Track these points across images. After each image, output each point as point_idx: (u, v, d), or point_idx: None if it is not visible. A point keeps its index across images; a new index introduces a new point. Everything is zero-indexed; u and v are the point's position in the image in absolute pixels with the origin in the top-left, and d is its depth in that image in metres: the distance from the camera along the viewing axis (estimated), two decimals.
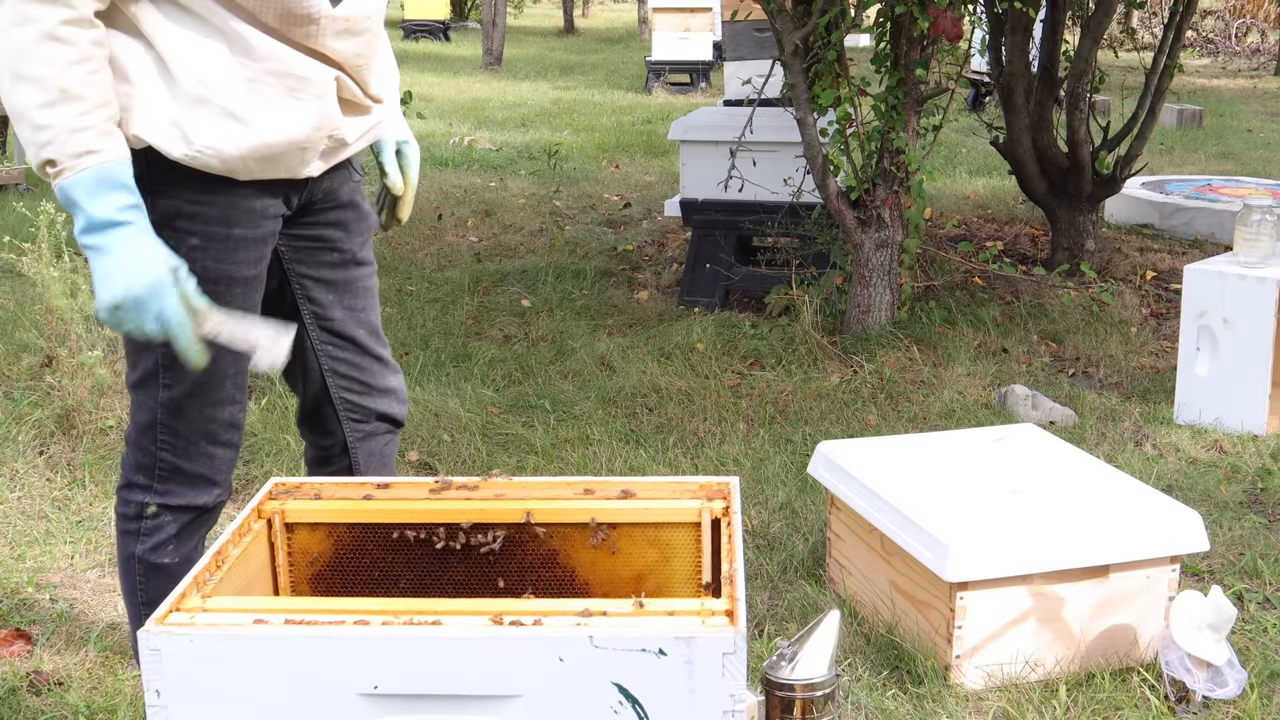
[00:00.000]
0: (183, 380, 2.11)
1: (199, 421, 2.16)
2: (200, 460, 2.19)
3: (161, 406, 2.13)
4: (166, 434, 2.15)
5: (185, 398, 2.13)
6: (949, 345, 4.87)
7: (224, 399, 2.17)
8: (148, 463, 2.18)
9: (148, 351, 2.10)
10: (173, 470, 2.18)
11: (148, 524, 2.20)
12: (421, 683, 1.68)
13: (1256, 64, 16.89)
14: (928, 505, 2.69)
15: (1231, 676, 2.53)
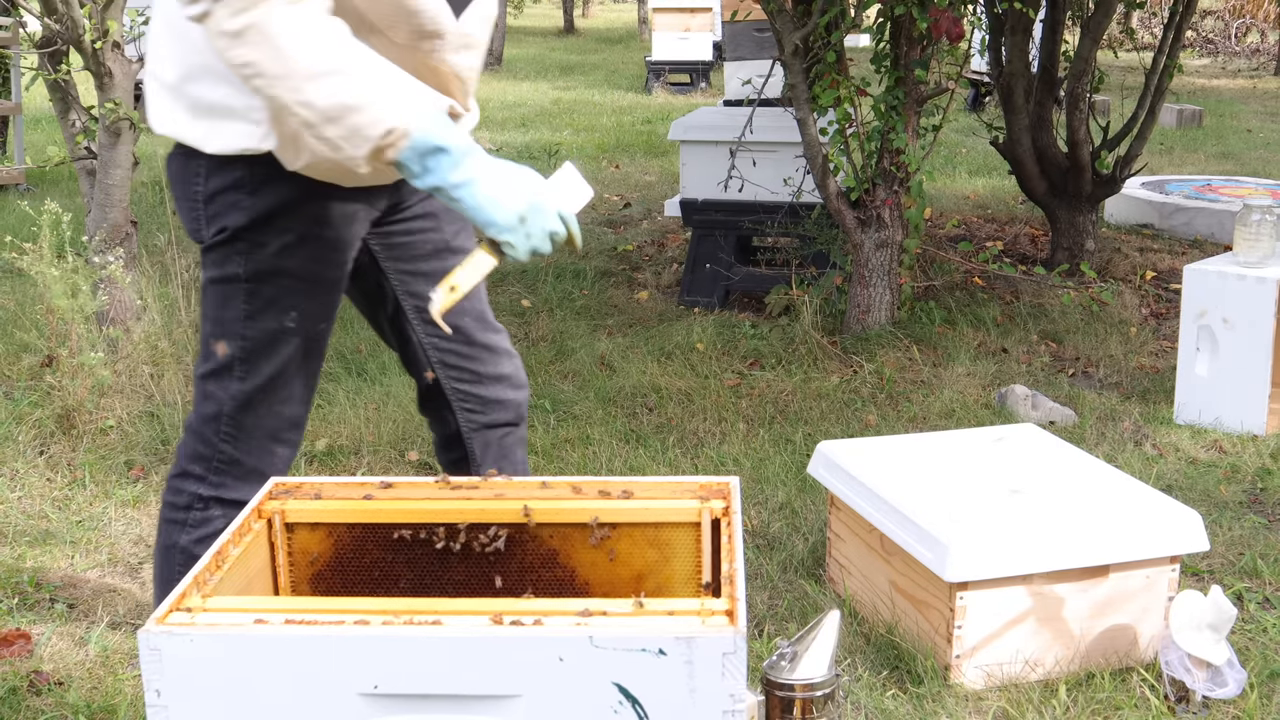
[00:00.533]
0: (257, 374, 2.14)
1: (265, 417, 2.18)
2: (261, 456, 2.20)
3: (231, 399, 2.15)
4: (231, 426, 2.17)
5: (256, 392, 2.15)
6: (949, 345, 4.87)
7: (293, 397, 2.19)
8: (207, 453, 2.19)
9: (227, 341, 2.12)
10: (231, 463, 2.19)
11: (196, 515, 2.21)
12: (421, 683, 1.68)
13: (1256, 64, 16.89)
14: (928, 505, 2.69)
15: (1231, 676, 2.53)
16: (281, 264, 2.07)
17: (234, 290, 2.11)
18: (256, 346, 2.14)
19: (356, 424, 3.97)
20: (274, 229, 2.07)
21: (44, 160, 4.63)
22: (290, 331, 2.16)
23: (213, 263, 2.12)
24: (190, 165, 2.09)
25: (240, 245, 2.09)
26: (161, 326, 4.13)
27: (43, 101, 9.56)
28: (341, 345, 4.76)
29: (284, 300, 2.13)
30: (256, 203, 2.04)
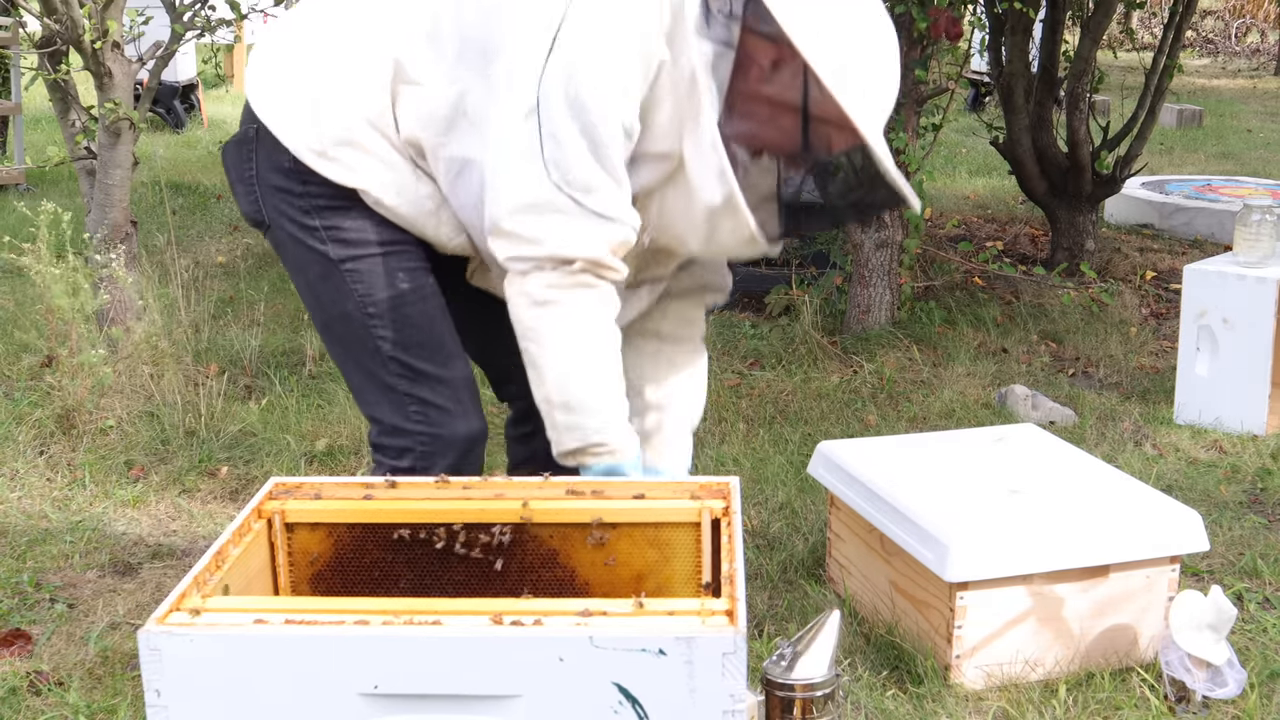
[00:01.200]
0: (411, 349, 2.23)
1: (441, 387, 2.25)
2: (457, 423, 2.27)
3: (400, 378, 2.24)
4: (417, 405, 2.25)
5: (420, 362, 2.24)
6: (949, 345, 4.87)
7: (451, 354, 2.28)
8: (408, 443, 2.26)
9: (359, 339, 2.24)
10: (434, 440, 2.25)
11: None
12: (421, 683, 1.68)
13: (1256, 64, 16.89)
14: (928, 505, 2.69)
15: (1231, 676, 2.53)
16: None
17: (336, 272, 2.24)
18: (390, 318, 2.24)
19: (356, 424, 3.97)
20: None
21: (44, 160, 4.63)
22: (407, 294, 2.24)
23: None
24: (244, 147, 2.25)
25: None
26: (161, 326, 4.13)
27: (43, 101, 9.57)
28: None
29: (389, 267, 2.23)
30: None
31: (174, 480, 3.64)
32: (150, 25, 4.50)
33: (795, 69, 2.00)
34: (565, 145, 2.03)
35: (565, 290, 2.05)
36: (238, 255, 6.21)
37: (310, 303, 2.31)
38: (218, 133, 9.73)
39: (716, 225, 2.11)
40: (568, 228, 2.04)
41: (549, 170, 2.04)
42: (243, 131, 2.27)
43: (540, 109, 2.03)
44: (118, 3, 4.06)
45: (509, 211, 2.06)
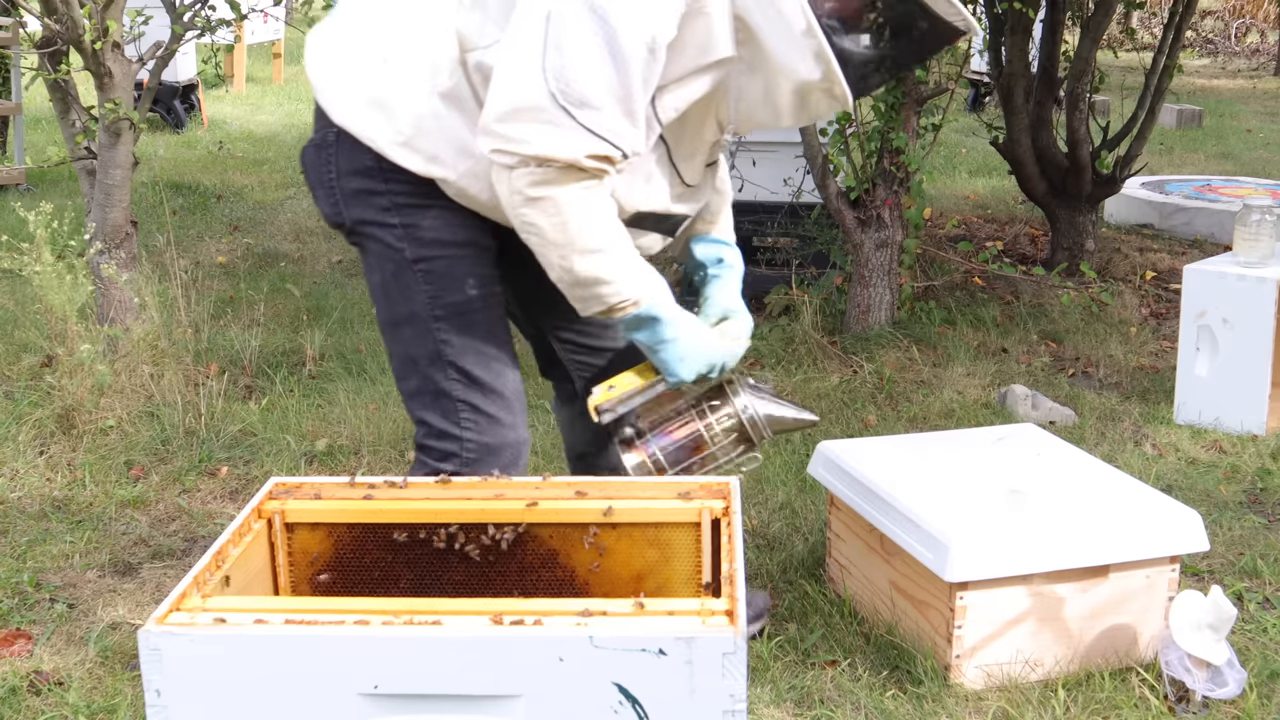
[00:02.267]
0: (471, 356, 2.30)
1: (494, 397, 2.31)
2: (505, 432, 2.33)
3: (455, 384, 2.30)
4: (469, 411, 2.31)
5: (478, 370, 2.30)
6: (949, 345, 4.87)
7: (507, 365, 2.34)
8: (455, 448, 2.31)
9: (422, 342, 2.29)
10: (481, 449, 2.31)
11: None
12: (421, 683, 1.68)
13: (1256, 64, 16.89)
14: (928, 505, 2.69)
15: (1231, 676, 2.53)
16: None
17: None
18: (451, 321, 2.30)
19: (356, 424, 3.97)
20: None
21: (44, 160, 4.63)
22: (474, 300, 2.30)
23: None
24: (324, 151, 2.31)
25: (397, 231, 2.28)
26: (161, 326, 4.13)
27: (43, 101, 9.57)
28: (341, 345, 4.77)
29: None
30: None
31: (174, 480, 3.64)
32: (150, 25, 4.50)
33: None
34: (569, 56, 2.04)
35: (552, 185, 2.09)
36: (238, 255, 6.21)
37: (380, 300, 2.35)
38: (218, 133, 9.74)
39: (807, 98, 2.18)
40: (554, 136, 2.06)
41: (547, 78, 2.04)
42: (320, 136, 2.31)
43: (551, 16, 2.04)
44: (118, 3, 4.06)
45: (499, 116, 2.08)
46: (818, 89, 2.16)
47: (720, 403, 2.37)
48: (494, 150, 2.10)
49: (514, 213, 2.14)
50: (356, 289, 5.65)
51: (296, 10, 7.06)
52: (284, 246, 6.43)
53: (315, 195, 2.36)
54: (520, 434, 2.36)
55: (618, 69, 2.05)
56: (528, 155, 2.07)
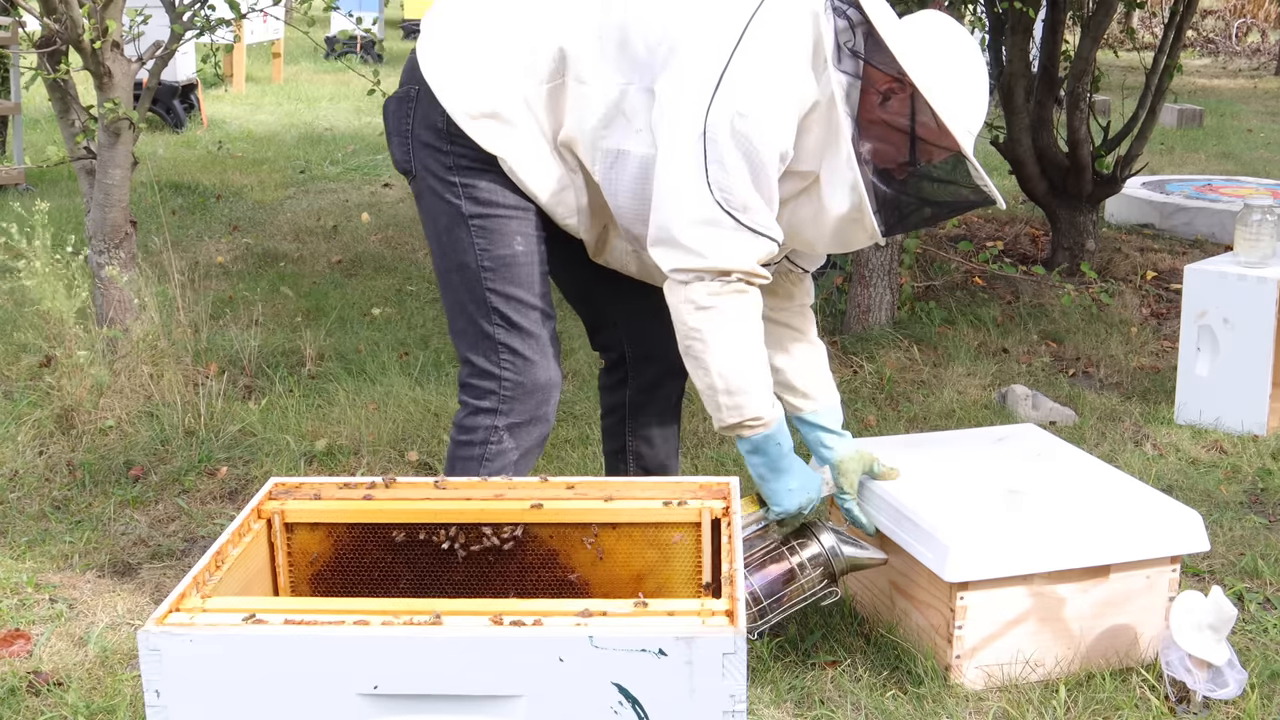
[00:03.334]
0: (513, 304, 2.52)
1: (532, 341, 2.54)
2: (540, 373, 2.55)
3: (498, 327, 2.53)
4: (508, 353, 2.53)
5: (519, 316, 2.53)
6: (949, 345, 4.86)
7: (546, 314, 2.56)
8: (494, 386, 2.54)
9: (470, 288, 2.53)
10: (517, 387, 2.53)
11: (492, 448, 2.55)
12: (421, 683, 1.68)
13: (1256, 64, 16.89)
14: (928, 505, 2.69)
15: (1231, 677, 2.53)
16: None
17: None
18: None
19: (356, 424, 3.97)
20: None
21: (43, 160, 4.63)
22: (519, 255, 2.53)
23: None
24: (406, 104, 2.56)
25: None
26: (160, 326, 4.13)
27: (42, 101, 9.56)
28: (341, 345, 4.77)
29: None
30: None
31: (173, 480, 3.64)
32: (150, 25, 4.49)
33: (909, 96, 2.36)
34: (729, 170, 2.34)
35: (724, 297, 2.37)
36: (237, 255, 6.21)
37: (435, 249, 2.60)
38: (217, 132, 9.74)
39: (843, 229, 2.46)
40: (727, 242, 2.36)
41: (713, 190, 2.34)
42: (405, 89, 2.57)
43: (707, 137, 2.34)
44: (117, 3, 4.06)
45: (680, 225, 2.36)
46: (852, 221, 2.42)
47: (806, 541, 2.58)
48: (675, 269, 2.38)
49: (682, 320, 2.41)
50: (356, 289, 5.65)
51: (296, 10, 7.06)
52: (283, 246, 6.42)
53: (390, 142, 2.60)
54: (553, 374, 2.57)
55: (763, 176, 2.36)
56: (707, 268, 2.36)
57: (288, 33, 13.40)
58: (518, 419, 2.55)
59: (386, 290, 5.64)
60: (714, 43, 2.37)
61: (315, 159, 8.99)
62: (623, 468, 2.93)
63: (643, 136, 2.44)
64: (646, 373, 2.84)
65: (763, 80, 2.35)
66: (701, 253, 2.36)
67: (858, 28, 2.36)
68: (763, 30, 2.37)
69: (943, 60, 2.38)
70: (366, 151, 9.29)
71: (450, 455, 2.62)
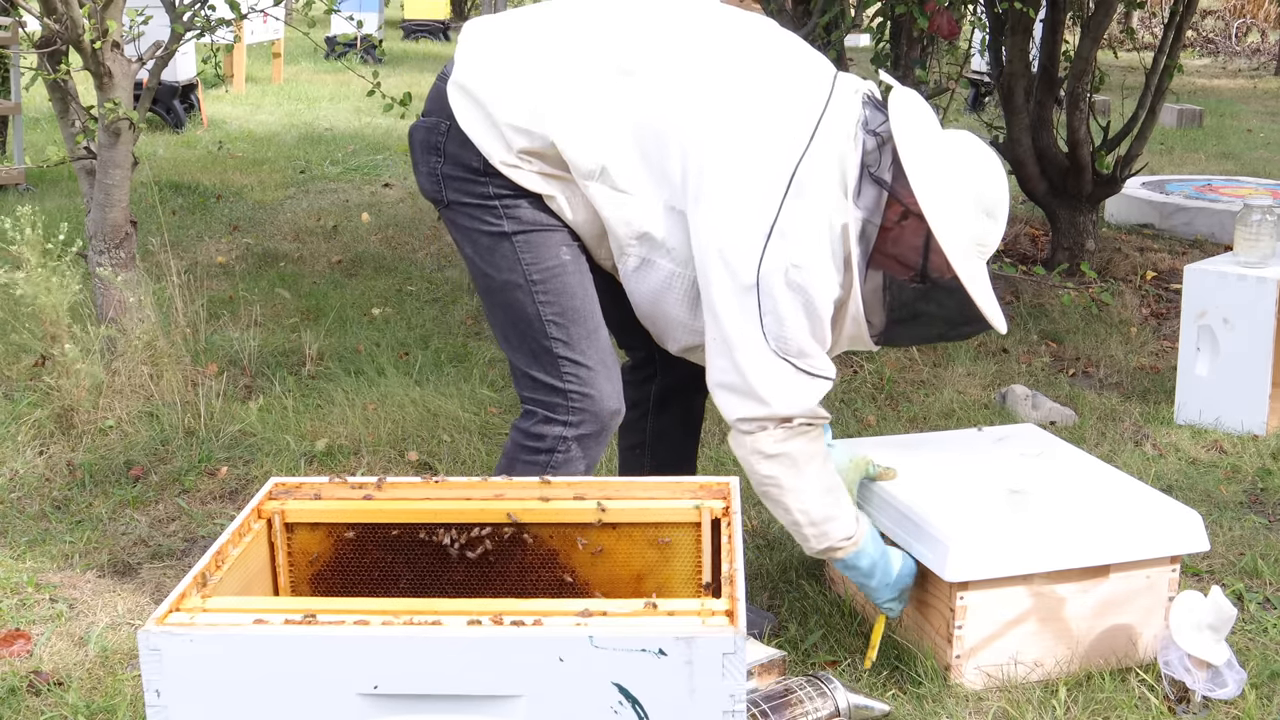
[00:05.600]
0: (567, 315, 2.50)
1: (592, 351, 2.51)
2: (604, 383, 2.53)
3: (555, 340, 2.50)
4: (570, 366, 2.50)
5: (574, 328, 2.51)
6: (949, 345, 4.86)
7: (600, 322, 2.53)
8: (560, 400, 2.50)
9: (520, 307, 2.50)
10: (584, 399, 2.50)
11: (560, 457, 2.52)
12: (421, 683, 1.68)
13: (1256, 64, 16.89)
14: (927, 505, 2.69)
15: (1231, 677, 2.53)
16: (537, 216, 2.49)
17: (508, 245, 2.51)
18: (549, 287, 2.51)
19: (356, 424, 3.97)
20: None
21: (43, 160, 4.62)
22: (567, 264, 2.51)
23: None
24: (434, 135, 2.50)
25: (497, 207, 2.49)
26: (160, 326, 4.13)
27: (42, 101, 9.56)
28: (340, 345, 4.77)
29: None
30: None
31: (173, 480, 3.64)
32: (150, 25, 4.49)
33: (925, 238, 2.40)
34: (785, 321, 2.36)
35: (790, 442, 2.42)
36: (236, 255, 6.21)
37: (478, 270, 2.55)
38: (217, 132, 9.74)
39: (843, 337, 2.49)
40: (788, 389, 2.39)
41: (769, 340, 2.37)
42: (433, 121, 2.50)
43: (761, 290, 2.35)
44: (118, 3, 4.06)
45: (742, 373, 2.39)
46: (855, 338, 2.48)
47: (821, 689, 2.51)
48: (739, 418, 2.42)
49: (754, 470, 2.46)
50: (356, 289, 5.65)
51: (296, 10, 7.05)
52: (283, 246, 6.42)
53: (417, 171, 2.55)
54: (615, 384, 2.55)
55: (818, 323, 2.39)
56: (771, 417, 2.40)
57: (288, 33, 13.40)
58: (587, 430, 2.52)
59: (386, 290, 5.64)
60: (762, 188, 2.36)
61: (315, 159, 8.99)
62: (639, 464, 2.90)
63: (674, 254, 2.44)
64: (674, 372, 2.82)
65: (813, 229, 2.36)
66: (765, 400, 2.39)
67: (884, 148, 2.40)
68: (811, 175, 2.37)
69: (968, 208, 2.41)
70: (366, 151, 9.29)
71: (510, 457, 2.56)
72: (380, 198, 7.78)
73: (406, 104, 4.65)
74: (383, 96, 4.65)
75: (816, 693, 2.44)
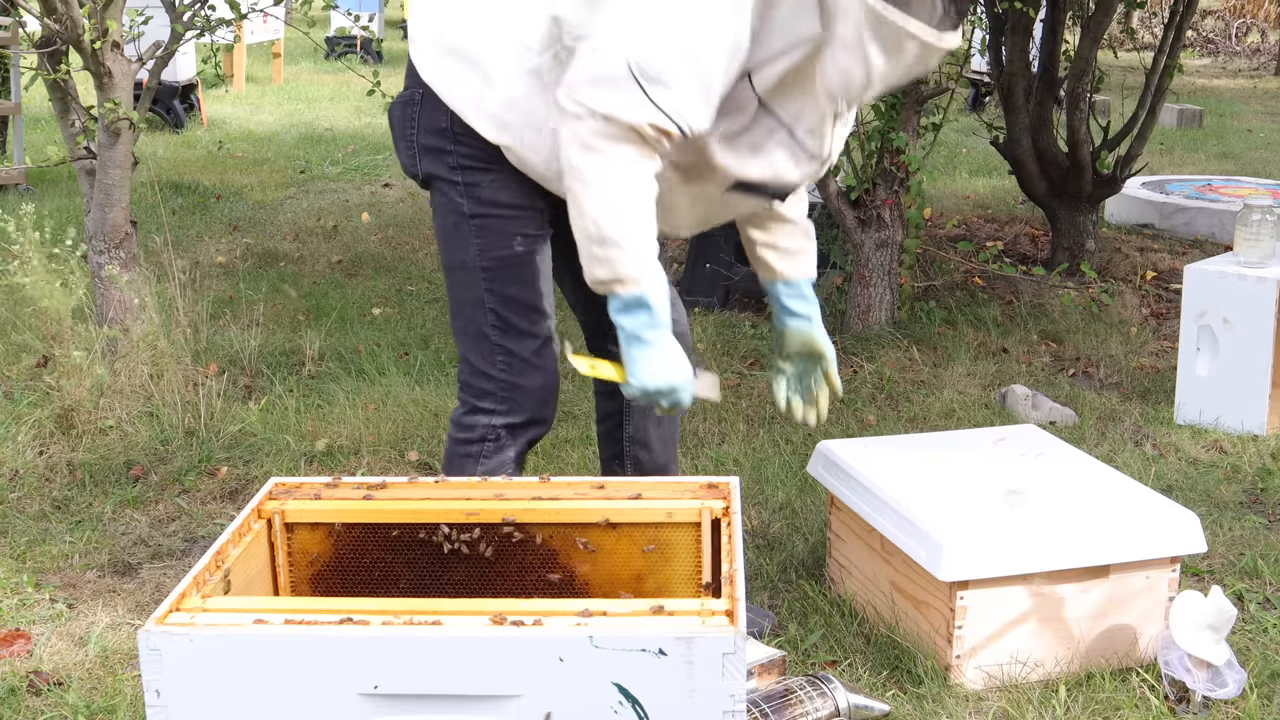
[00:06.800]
0: (510, 305, 2.51)
1: (529, 341, 2.52)
2: (535, 376, 2.54)
3: (494, 329, 2.51)
4: (504, 355, 2.52)
5: (515, 318, 2.52)
6: (949, 345, 4.87)
7: (543, 314, 2.54)
8: (490, 387, 2.53)
9: (469, 288, 2.52)
10: (513, 389, 2.52)
11: (490, 445, 2.54)
12: (421, 683, 1.68)
13: (1256, 64, 16.89)
14: (925, 505, 2.69)
15: (1231, 677, 2.53)
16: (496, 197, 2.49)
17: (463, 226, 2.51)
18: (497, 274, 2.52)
19: (356, 424, 3.97)
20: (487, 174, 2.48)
21: (44, 160, 4.62)
22: (520, 255, 2.51)
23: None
24: (409, 108, 2.52)
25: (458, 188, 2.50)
26: (160, 326, 4.13)
27: (42, 101, 9.56)
28: (340, 345, 4.77)
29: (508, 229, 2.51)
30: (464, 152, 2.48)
31: (173, 480, 3.64)
32: (150, 25, 4.49)
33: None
34: (654, 39, 2.23)
35: (611, 141, 2.25)
36: (237, 255, 6.21)
37: (441, 247, 2.60)
38: (217, 132, 9.74)
39: (897, 48, 2.25)
40: (624, 102, 2.24)
41: (629, 55, 2.23)
42: (408, 94, 2.54)
43: (644, 3, 2.24)
44: (118, 3, 4.06)
45: (580, 81, 2.26)
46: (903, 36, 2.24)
47: (821, 689, 2.49)
48: (565, 99, 2.27)
49: (567, 157, 2.29)
50: (356, 289, 5.65)
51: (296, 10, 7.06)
52: (284, 246, 6.42)
53: (397, 148, 2.59)
54: (549, 377, 2.56)
55: (697, 62, 2.24)
56: (596, 110, 2.24)
57: (288, 33, 13.40)
58: (515, 419, 2.54)
59: (386, 290, 5.64)
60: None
61: (315, 159, 8.99)
62: (620, 474, 2.87)
63: None
64: None
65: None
66: (596, 100, 2.24)
67: None
68: None
69: None
70: (366, 151, 9.29)
71: (448, 452, 2.62)
72: (380, 198, 7.79)
73: None
74: (383, 96, 4.66)
75: (816, 693, 2.44)
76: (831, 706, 2.43)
